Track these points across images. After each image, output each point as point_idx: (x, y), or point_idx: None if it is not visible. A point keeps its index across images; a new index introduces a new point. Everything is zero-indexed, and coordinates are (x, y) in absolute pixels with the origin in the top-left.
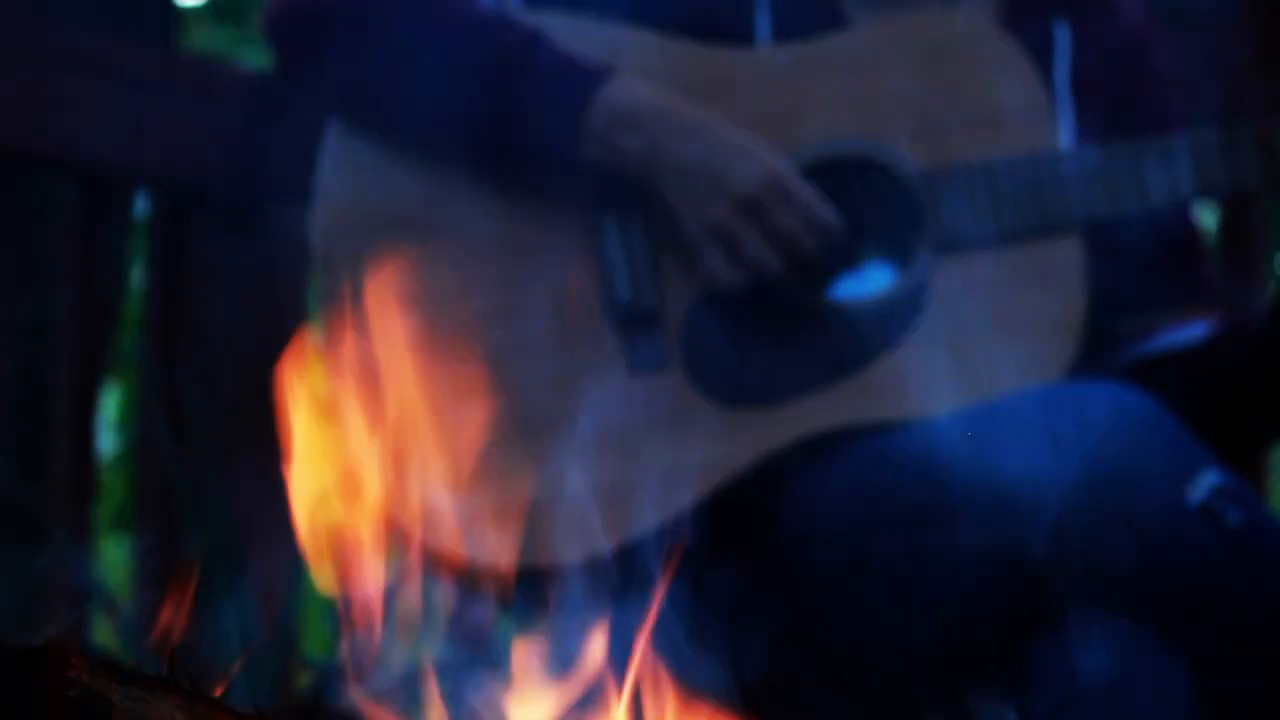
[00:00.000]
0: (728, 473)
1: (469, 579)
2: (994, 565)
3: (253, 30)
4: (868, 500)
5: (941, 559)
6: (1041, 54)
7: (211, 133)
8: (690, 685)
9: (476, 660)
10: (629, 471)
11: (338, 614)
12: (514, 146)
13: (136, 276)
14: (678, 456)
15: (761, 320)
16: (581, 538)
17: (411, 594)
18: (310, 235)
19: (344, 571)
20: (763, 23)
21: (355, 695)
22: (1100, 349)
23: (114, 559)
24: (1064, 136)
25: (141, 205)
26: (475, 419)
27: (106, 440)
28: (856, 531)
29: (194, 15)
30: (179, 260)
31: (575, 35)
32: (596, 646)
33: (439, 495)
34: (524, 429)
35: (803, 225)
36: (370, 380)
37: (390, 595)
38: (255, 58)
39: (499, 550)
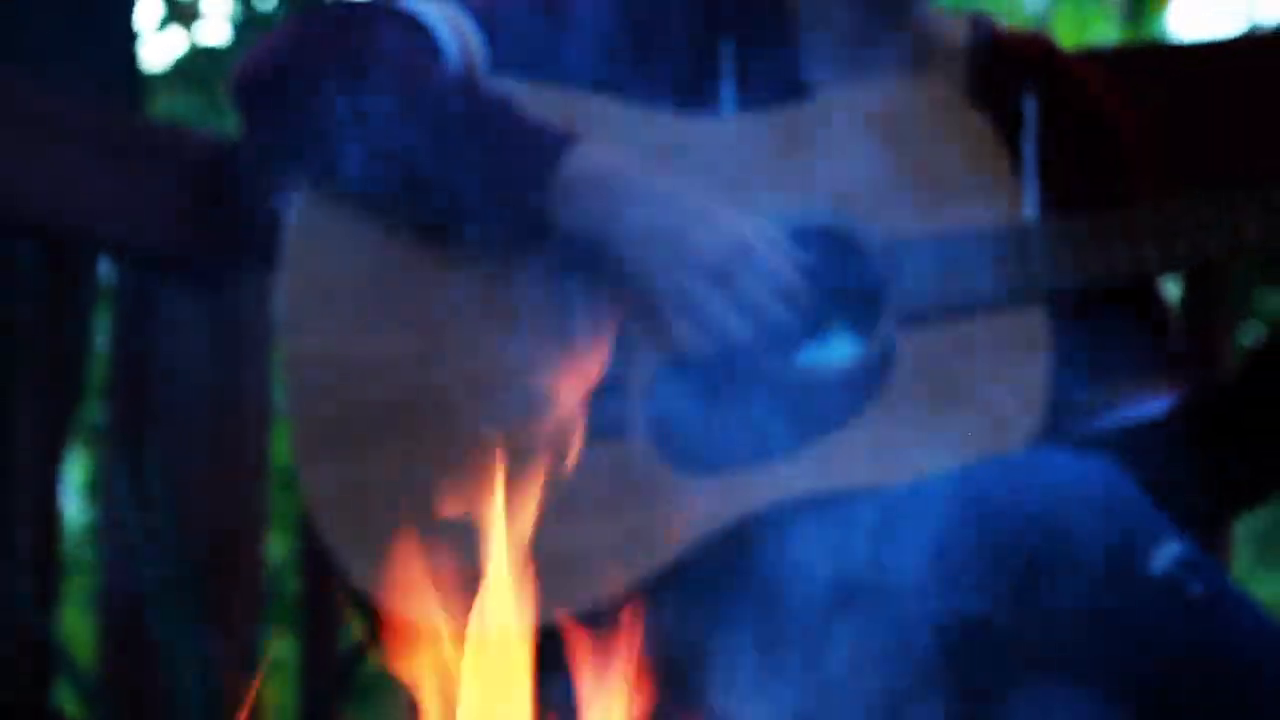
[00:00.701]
0: (690, 540)
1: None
2: (954, 635)
3: (219, 96)
4: (830, 568)
5: (902, 627)
6: (1008, 126)
7: (178, 198)
8: None
9: None
10: (591, 538)
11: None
12: (478, 212)
13: (101, 343)
14: (639, 523)
15: (725, 387)
16: (543, 605)
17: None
18: (275, 301)
19: None
20: (727, 92)
21: None
22: (1064, 419)
23: (81, 632)
24: (1029, 208)
25: (106, 271)
26: (435, 485)
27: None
28: (818, 600)
29: (161, 81)
30: (144, 327)
31: (541, 102)
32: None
33: (407, 555)
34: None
35: (769, 292)
36: None
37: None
38: (222, 124)
39: (459, 616)
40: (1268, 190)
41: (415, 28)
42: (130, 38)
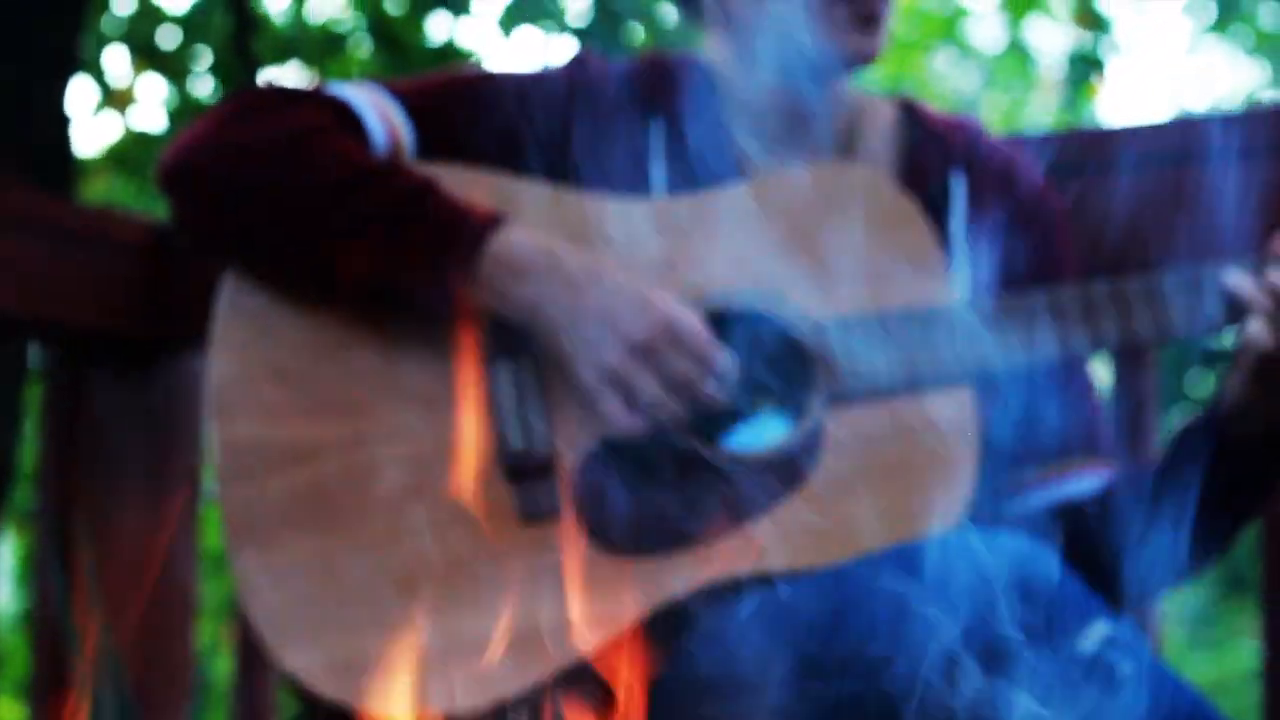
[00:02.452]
0: (619, 623)
1: None
2: (886, 715)
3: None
4: (760, 651)
5: (834, 709)
6: (937, 208)
7: (109, 281)
8: None
9: None
10: (522, 621)
11: None
12: (405, 295)
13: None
14: (569, 606)
15: (655, 470)
16: (474, 689)
17: None
18: (205, 384)
19: None
20: (657, 174)
21: None
22: (993, 500)
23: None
24: (958, 290)
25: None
26: (366, 569)
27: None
28: (747, 684)
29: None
30: (74, 410)
31: (468, 185)
32: None
33: (329, 642)
34: (415, 579)
35: (697, 369)
36: None
37: None
38: (157, 208)
39: (390, 701)
40: (1195, 273)
41: (342, 113)
42: (62, 123)
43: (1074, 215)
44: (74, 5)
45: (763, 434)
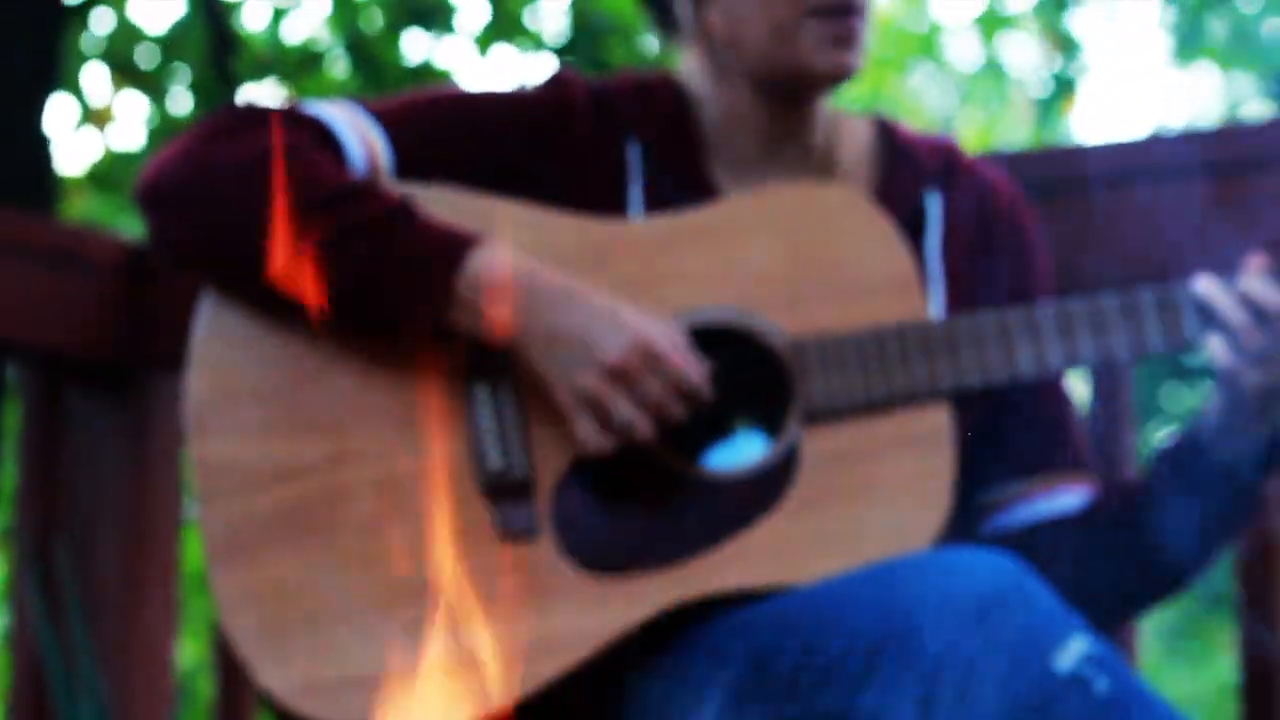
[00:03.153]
0: (596, 643)
1: None
2: None
3: (130, 199)
4: (736, 669)
5: None
6: (913, 226)
7: (87, 301)
8: None
9: None
10: (498, 640)
11: None
12: (383, 315)
13: (9, 446)
14: (547, 625)
15: (633, 489)
16: (452, 707)
17: None
18: (184, 403)
19: None
20: (634, 193)
21: None
22: (971, 517)
23: None
24: (933, 306)
25: (13, 374)
26: (345, 588)
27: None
28: (725, 701)
29: (73, 184)
30: (52, 430)
31: (446, 204)
32: None
33: (308, 661)
34: (393, 598)
35: (671, 391)
36: None
37: None
38: (134, 226)
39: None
40: (1171, 290)
41: (318, 131)
42: (41, 141)
43: (1048, 232)
44: (52, 24)
45: (740, 452)
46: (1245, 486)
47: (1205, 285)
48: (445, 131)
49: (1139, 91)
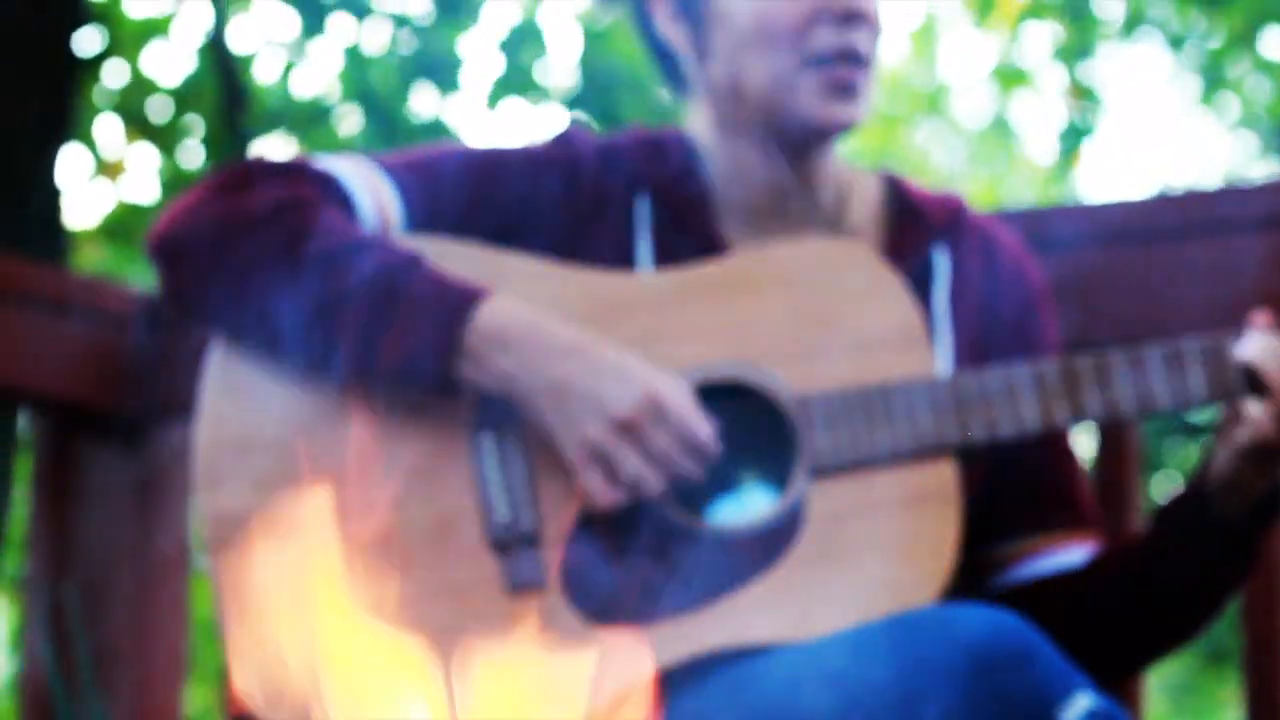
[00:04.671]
0: (602, 695)
1: None
2: None
3: (141, 250)
4: None
5: None
6: (920, 280)
7: (98, 351)
8: None
9: None
10: (505, 693)
11: None
12: (391, 367)
13: (20, 495)
14: (555, 678)
15: (640, 542)
16: None
17: None
18: (192, 454)
19: None
20: (643, 248)
21: None
22: (976, 573)
23: None
24: (940, 362)
25: (25, 423)
26: (355, 642)
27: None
28: None
29: (85, 235)
30: (63, 478)
31: (456, 258)
32: None
33: (317, 710)
34: (400, 650)
35: (679, 445)
36: None
37: None
38: (144, 277)
39: None
40: (1178, 347)
41: (330, 186)
42: (54, 193)
43: (1055, 290)
44: (65, 75)
45: (747, 506)
46: (1247, 539)
47: (1253, 343)
48: (456, 187)
49: (1151, 147)
